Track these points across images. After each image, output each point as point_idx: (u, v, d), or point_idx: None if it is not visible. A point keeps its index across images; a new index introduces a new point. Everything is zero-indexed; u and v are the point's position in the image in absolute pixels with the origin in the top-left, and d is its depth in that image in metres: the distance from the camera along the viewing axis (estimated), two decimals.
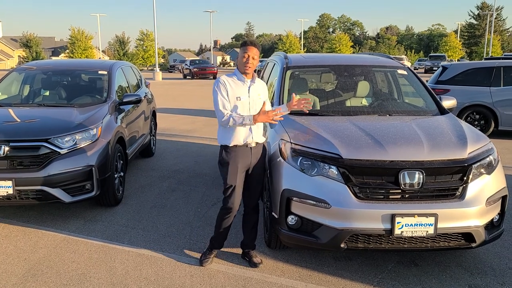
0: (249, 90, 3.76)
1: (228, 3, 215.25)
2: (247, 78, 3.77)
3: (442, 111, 4.73)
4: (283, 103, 4.65)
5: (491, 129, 10.03)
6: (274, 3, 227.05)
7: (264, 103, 3.79)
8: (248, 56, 3.69)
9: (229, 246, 4.29)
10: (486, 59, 22.14)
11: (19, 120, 5.23)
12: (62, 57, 63.49)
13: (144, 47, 59.89)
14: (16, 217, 5.10)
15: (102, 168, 5.01)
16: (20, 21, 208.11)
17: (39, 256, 4.15)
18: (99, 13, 77.32)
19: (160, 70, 41.89)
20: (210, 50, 76.02)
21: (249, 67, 3.70)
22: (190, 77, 38.56)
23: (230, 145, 3.76)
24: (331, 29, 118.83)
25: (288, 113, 3.94)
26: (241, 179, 3.81)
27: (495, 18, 65.92)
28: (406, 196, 3.49)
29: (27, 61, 51.80)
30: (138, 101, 6.45)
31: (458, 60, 55.05)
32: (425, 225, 3.41)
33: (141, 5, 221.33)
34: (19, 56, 67.85)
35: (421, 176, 3.46)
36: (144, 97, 7.66)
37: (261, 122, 3.72)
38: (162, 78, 37.69)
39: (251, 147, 3.79)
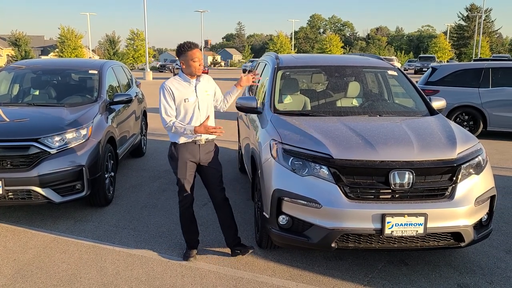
0: (195, 89, 3.85)
1: (219, 3, 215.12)
2: (191, 78, 3.85)
3: (432, 111, 4.77)
4: (273, 104, 4.66)
5: (479, 130, 10.13)
6: (265, 4, 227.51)
7: (208, 117, 3.82)
8: (199, 59, 3.78)
9: (220, 246, 4.30)
10: (475, 60, 22.36)
11: (8, 120, 5.19)
12: (51, 56, 62.83)
13: (135, 47, 59.64)
14: (5, 218, 5.05)
15: (92, 168, 4.99)
16: (9, 19, 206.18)
17: (29, 256, 4.12)
18: (89, 12, 76.83)
19: (150, 69, 41.69)
20: (201, 50, 75.83)
21: (201, 69, 3.81)
22: None
23: (179, 143, 3.85)
24: (321, 30, 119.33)
25: (279, 114, 3.96)
26: (191, 174, 3.92)
27: (483, 20, 66.62)
28: (396, 196, 3.52)
29: (16, 60, 51.21)
30: (128, 101, 6.42)
31: (447, 61, 55.46)
32: (415, 224, 3.44)
33: (132, 4, 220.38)
34: (7, 55, 67.16)
35: (411, 176, 3.49)
36: (135, 96, 7.63)
37: (211, 119, 3.86)
38: (153, 78, 37.51)
39: (199, 144, 3.88)
